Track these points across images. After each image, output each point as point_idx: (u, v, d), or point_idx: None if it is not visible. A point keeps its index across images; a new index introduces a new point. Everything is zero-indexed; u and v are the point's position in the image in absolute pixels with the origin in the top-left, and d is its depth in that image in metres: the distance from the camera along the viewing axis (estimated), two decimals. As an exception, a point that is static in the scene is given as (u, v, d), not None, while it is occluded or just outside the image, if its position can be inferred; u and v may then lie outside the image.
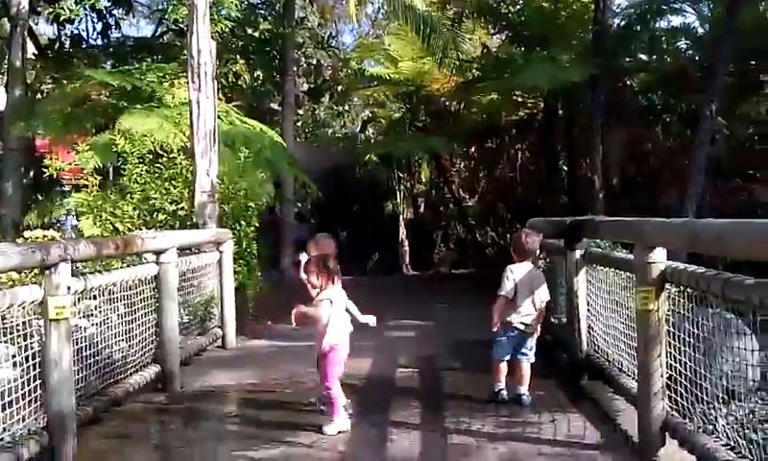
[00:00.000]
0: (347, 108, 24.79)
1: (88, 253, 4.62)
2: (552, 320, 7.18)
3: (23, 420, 4.00)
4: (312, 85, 21.54)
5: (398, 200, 19.41)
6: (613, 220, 5.40)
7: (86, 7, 12.63)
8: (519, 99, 15.25)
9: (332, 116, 24.56)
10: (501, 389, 5.38)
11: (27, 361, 4.18)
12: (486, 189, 18.34)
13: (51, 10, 10.37)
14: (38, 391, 4.16)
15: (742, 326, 3.74)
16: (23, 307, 4.13)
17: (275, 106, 18.95)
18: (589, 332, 6.08)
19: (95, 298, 5.28)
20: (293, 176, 14.00)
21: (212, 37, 9.39)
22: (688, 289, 3.87)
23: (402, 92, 17.77)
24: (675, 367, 4.07)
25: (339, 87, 21.07)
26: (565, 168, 15.51)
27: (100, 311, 5.38)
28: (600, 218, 6.64)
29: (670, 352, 4.10)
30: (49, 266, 4.12)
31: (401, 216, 19.31)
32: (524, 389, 5.36)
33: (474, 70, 14.69)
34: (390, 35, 19.04)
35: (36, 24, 17.06)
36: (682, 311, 4.02)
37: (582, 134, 13.16)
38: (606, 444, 4.49)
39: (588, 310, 6.07)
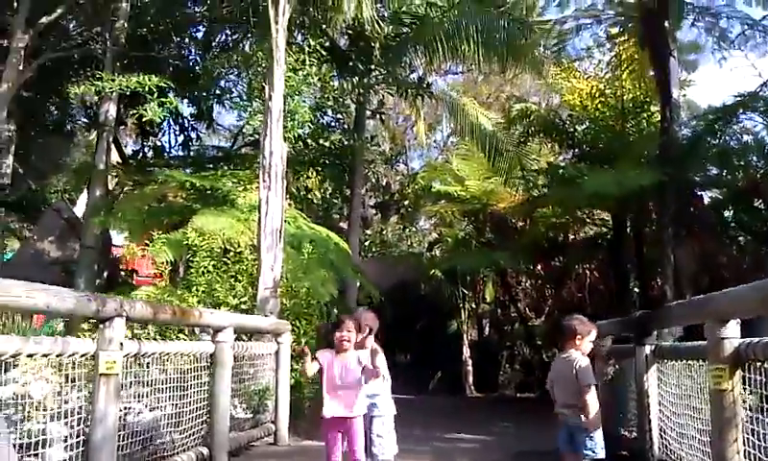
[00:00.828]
0: (414, 229, 25.11)
1: (144, 314, 4.66)
2: (623, 433, 6.73)
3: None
4: (380, 201, 21.98)
5: (463, 318, 19.08)
6: (682, 302, 5.11)
7: (170, 118, 13.53)
8: (586, 214, 15.12)
9: (399, 237, 24.83)
10: None
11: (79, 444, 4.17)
12: (553, 308, 17.87)
13: (134, 112, 11.09)
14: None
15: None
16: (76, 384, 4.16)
17: (343, 225, 19.32)
18: (662, 436, 5.64)
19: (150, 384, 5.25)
20: (357, 284, 14.04)
21: (285, 140, 9.79)
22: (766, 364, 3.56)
23: (468, 210, 17.88)
24: (756, 455, 3.69)
25: (406, 202, 21.41)
26: (636, 289, 15.01)
27: (153, 389, 5.34)
28: (668, 305, 6.31)
29: (749, 439, 3.73)
30: (104, 320, 4.17)
31: (465, 335, 18.92)
32: None
33: (540, 185, 14.76)
34: (457, 156, 19.49)
35: (126, 146, 18.27)
36: (761, 391, 3.67)
37: (652, 252, 12.80)
38: None
39: (660, 411, 5.66)
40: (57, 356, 3.91)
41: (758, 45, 12.68)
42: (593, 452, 4.97)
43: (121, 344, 4.28)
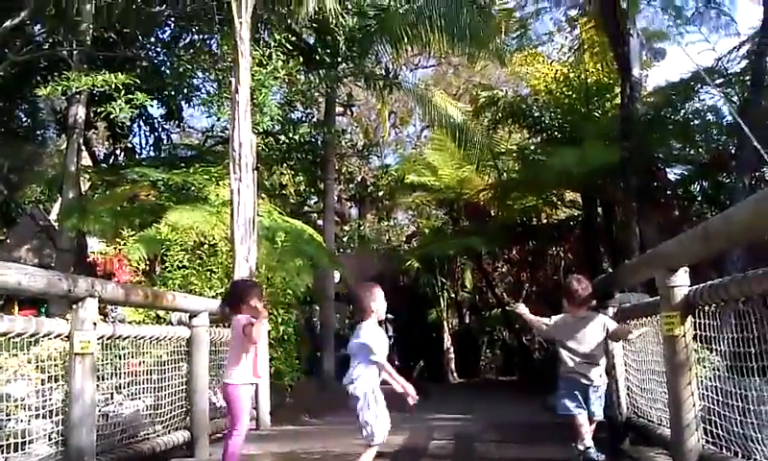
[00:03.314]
0: (391, 224, 25.24)
1: (116, 295, 4.75)
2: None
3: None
4: (354, 193, 22.13)
5: (442, 306, 19.27)
6: (636, 259, 5.32)
7: (140, 120, 13.48)
8: (556, 196, 15.40)
9: (378, 232, 24.93)
10: (576, 446, 4.82)
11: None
12: (530, 291, 18.15)
13: (102, 110, 11.08)
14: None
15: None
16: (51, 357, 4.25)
17: (320, 222, 19.40)
18: (629, 395, 5.84)
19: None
20: (335, 277, 14.15)
21: (254, 133, 9.87)
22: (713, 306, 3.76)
23: (443, 199, 18.09)
24: (709, 396, 3.88)
25: (381, 194, 21.56)
26: (610, 269, 15.27)
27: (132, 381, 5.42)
28: (623, 264, 6.54)
29: (701, 381, 3.93)
30: (76, 300, 4.25)
31: (446, 323, 19.12)
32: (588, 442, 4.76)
33: (510, 170, 14.99)
34: (430, 148, 19.66)
35: (99, 154, 18.18)
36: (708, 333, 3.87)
37: (622, 234, 13.04)
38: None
39: (626, 371, 5.85)
40: (31, 336, 3.98)
41: (712, 19, 13.07)
42: (600, 416, 4.93)
43: (94, 324, 4.37)
